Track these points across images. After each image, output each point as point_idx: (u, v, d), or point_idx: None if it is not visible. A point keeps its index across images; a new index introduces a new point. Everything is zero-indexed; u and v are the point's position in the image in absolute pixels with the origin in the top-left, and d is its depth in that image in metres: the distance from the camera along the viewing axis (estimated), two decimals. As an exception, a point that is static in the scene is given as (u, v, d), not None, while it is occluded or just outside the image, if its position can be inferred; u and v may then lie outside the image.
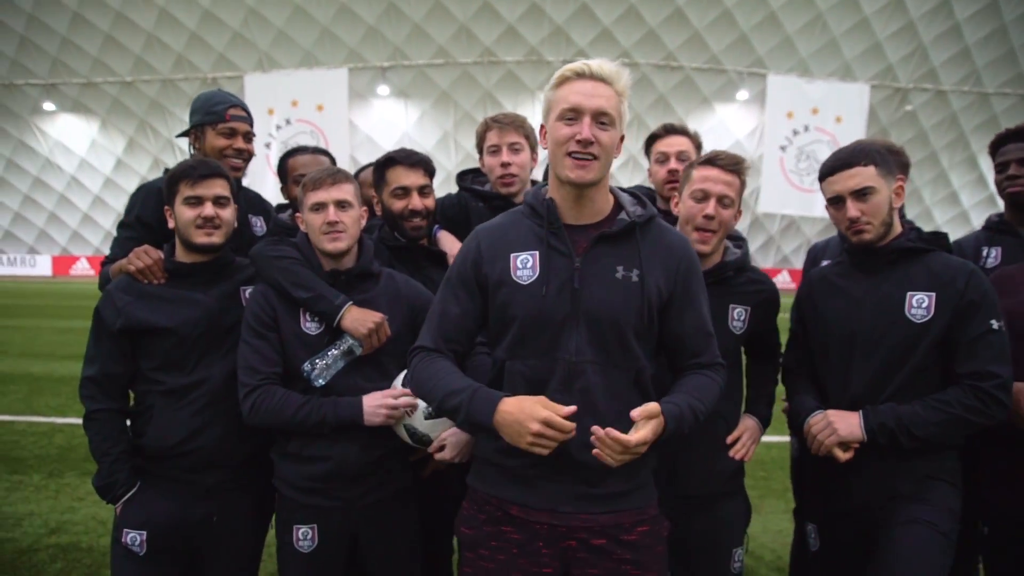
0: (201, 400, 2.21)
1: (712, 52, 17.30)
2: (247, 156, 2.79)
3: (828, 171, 2.31)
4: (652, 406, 1.71)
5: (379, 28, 17.05)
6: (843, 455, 2.20)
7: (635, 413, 1.69)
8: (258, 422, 2.13)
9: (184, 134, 2.80)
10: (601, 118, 1.83)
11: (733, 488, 2.43)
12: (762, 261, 22.18)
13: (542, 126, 1.95)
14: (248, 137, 2.78)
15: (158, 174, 2.70)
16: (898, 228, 2.34)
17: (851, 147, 2.36)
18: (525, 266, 1.83)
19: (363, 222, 2.31)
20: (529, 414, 1.66)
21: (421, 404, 2.12)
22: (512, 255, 1.84)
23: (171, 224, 2.28)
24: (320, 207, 2.19)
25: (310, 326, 2.19)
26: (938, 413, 2.17)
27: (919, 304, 2.24)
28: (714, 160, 2.31)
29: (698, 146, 3.12)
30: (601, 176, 1.86)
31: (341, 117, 14.77)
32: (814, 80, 15.25)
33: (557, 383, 1.78)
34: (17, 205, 24.30)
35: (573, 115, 1.83)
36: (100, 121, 21.20)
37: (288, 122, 14.76)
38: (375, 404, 2.14)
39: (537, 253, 1.84)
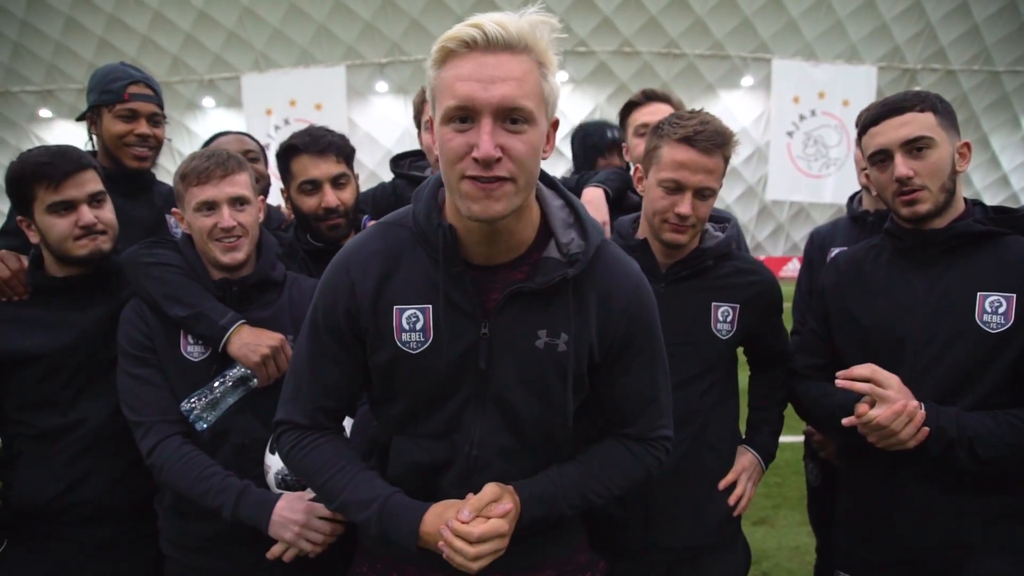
0: (80, 444, 1.79)
1: (715, 38, 17.01)
2: (155, 144, 2.30)
3: (872, 120, 1.82)
4: (493, 488, 1.32)
5: (376, 24, 16.82)
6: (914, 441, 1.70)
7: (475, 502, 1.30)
8: (157, 478, 1.73)
9: (81, 118, 2.31)
10: (512, 115, 1.19)
11: (728, 537, 1.98)
12: (771, 249, 21.93)
13: (429, 119, 1.33)
14: (155, 120, 2.29)
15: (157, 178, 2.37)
16: (961, 204, 1.83)
17: (903, 92, 1.86)
18: (413, 327, 1.33)
19: (261, 216, 1.86)
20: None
21: (274, 467, 1.68)
22: (396, 308, 1.32)
23: (33, 239, 1.81)
24: (210, 207, 1.72)
25: (192, 350, 1.74)
26: (1017, 433, 1.71)
27: (994, 308, 1.75)
28: (692, 139, 1.78)
29: None
30: (519, 204, 1.24)
31: (340, 115, 14.49)
32: (820, 64, 14.94)
33: (455, 476, 1.37)
34: (18, 213, 24.25)
35: (465, 116, 1.20)
36: (98, 126, 21.09)
37: (287, 122, 14.53)
38: (289, 515, 1.61)
39: (429, 309, 1.31)
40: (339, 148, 2.09)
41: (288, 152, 2.09)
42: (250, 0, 17.37)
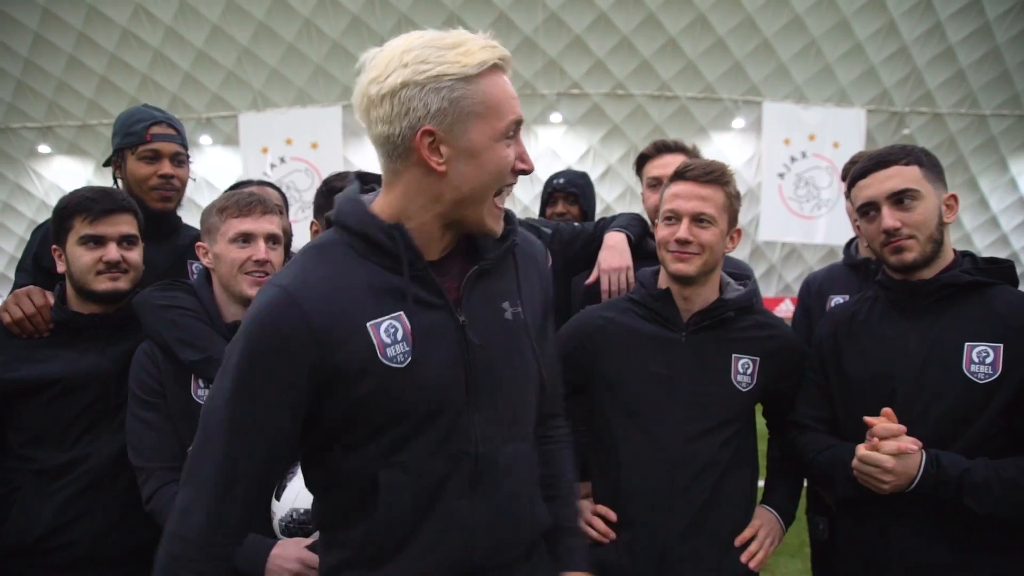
0: (79, 483, 1.79)
1: (707, 81, 17.28)
2: (179, 184, 2.32)
3: (859, 173, 1.88)
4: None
5: (373, 65, 17.04)
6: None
7: None
8: (158, 523, 1.68)
9: (108, 164, 2.36)
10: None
11: None
12: (764, 290, 21.99)
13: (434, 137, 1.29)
14: (178, 160, 2.30)
15: None
16: (949, 255, 1.88)
17: (889, 146, 1.93)
18: (393, 339, 1.23)
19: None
20: None
21: (279, 512, 1.66)
22: (369, 325, 1.23)
23: (60, 268, 1.90)
24: (247, 239, 1.78)
25: (203, 394, 1.73)
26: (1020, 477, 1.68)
27: (981, 359, 1.75)
28: (684, 173, 1.90)
29: None
30: None
31: (336, 154, 14.62)
32: (810, 106, 15.17)
33: (459, 486, 1.29)
34: (13, 248, 24.17)
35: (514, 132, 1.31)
36: (95, 163, 21.18)
37: (283, 160, 14.65)
38: (283, 562, 1.57)
39: (403, 315, 1.24)
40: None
41: (333, 192, 2.06)
42: (249, 41, 17.62)
